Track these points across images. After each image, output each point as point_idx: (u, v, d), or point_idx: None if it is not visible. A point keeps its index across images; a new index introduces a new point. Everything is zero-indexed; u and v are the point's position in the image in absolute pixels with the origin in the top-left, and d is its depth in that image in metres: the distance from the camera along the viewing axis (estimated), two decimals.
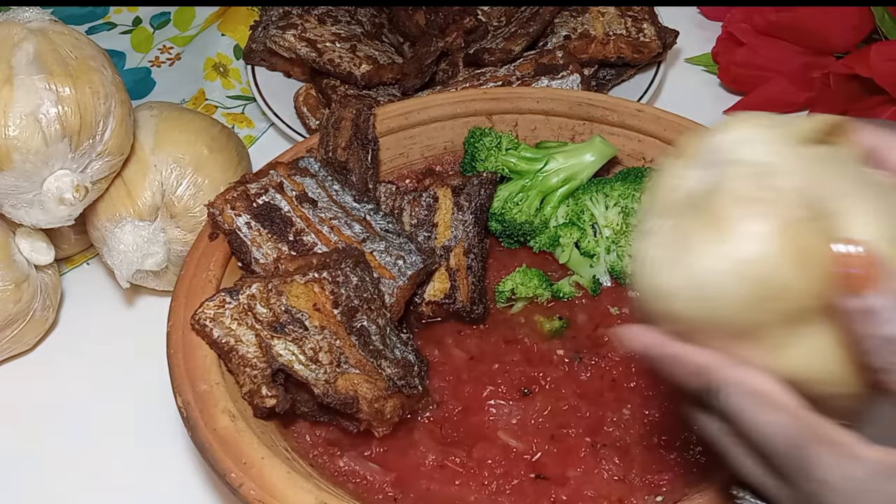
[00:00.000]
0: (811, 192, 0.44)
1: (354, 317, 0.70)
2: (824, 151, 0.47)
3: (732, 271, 0.43)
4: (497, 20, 1.12)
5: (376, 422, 0.67)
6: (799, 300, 0.44)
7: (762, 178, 0.44)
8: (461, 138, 0.88)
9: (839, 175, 0.45)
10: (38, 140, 0.76)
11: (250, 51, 1.11)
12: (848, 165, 0.47)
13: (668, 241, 0.47)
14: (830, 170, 0.45)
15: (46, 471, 0.78)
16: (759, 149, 0.46)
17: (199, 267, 0.75)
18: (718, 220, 0.44)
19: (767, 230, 0.43)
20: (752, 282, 0.43)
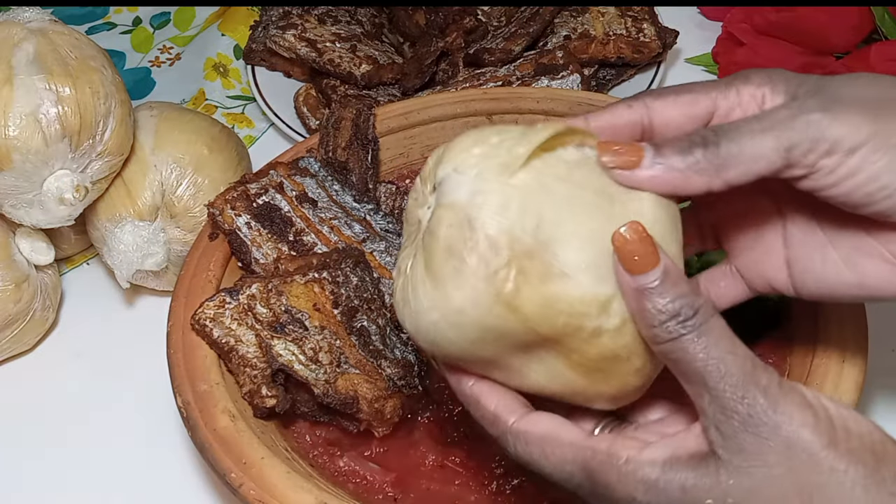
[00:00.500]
0: (519, 231, 0.45)
1: (354, 317, 0.70)
2: (551, 165, 0.47)
3: (446, 320, 0.46)
4: (497, 20, 1.12)
5: (376, 422, 0.67)
6: (517, 337, 0.46)
7: (464, 229, 0.45)
8: None
9: (553, 199, 0.46)
10: (38, 140, 0.76)
11: (250, 51, 1.11)
12: (570, 179, 0.46)
13: (403, 279, 0.49)
14: (544, 196, 0.46)
15: (46, 471, 0.78)
16: (466, 187, 0.46)
17: (199, 267, 0.75)
18: (432, 269, 0.46)
19: (473, 283, 0.45)
20: (467, 327, 0.46)
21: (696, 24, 1.19)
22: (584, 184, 0.47)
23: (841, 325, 0.66)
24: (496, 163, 0.46)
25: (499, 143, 0.47)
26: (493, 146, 0.47)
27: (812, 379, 0.64)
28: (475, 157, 0.46)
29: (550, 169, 0.47)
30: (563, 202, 0.46)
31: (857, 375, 0.63)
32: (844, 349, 0.64)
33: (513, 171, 0.46)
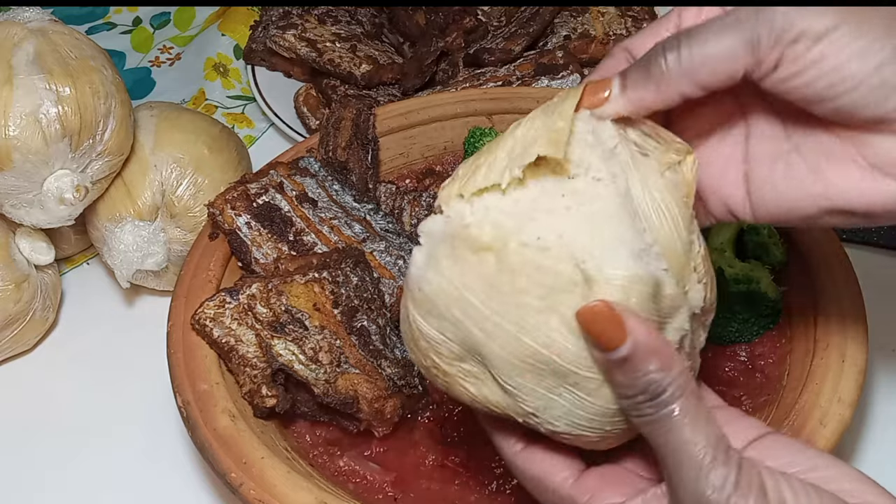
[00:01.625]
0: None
1: (354, 317, 0.70)
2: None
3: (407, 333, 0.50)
4: (497, 20, 1.12)
5: (376, 422, 0.67)
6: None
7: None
8: (461, 138, 0.88)
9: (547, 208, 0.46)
10: (38, 140, 0.76)
11: (250, 51, 1.11)
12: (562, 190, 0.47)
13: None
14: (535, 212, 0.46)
15: (47, 471, 0.78)
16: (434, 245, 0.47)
17: (199, 267, 0.75)
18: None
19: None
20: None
21: None
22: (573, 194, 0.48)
23: (841, 325, 0.66)
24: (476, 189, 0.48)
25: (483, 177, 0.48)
26: (484, 178, 0.48)
27: (812, 379, 0.64)
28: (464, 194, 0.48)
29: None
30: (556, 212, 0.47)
31: (857, 375, 0.63)
32: (844, 349, 0.64)
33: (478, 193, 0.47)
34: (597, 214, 0.45)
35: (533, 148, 0.46)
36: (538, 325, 0.45)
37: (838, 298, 0.68)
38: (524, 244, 0.45)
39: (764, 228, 0.75)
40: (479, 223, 0.46)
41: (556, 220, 0.45)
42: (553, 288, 0.44)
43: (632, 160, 0.48)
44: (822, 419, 0.61)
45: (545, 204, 0.46)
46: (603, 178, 0.46)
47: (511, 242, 0.45)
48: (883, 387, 0.78)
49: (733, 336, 0.73)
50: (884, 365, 0.80)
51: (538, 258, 0.44)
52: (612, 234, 0.45)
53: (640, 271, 0.45)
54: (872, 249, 0.89)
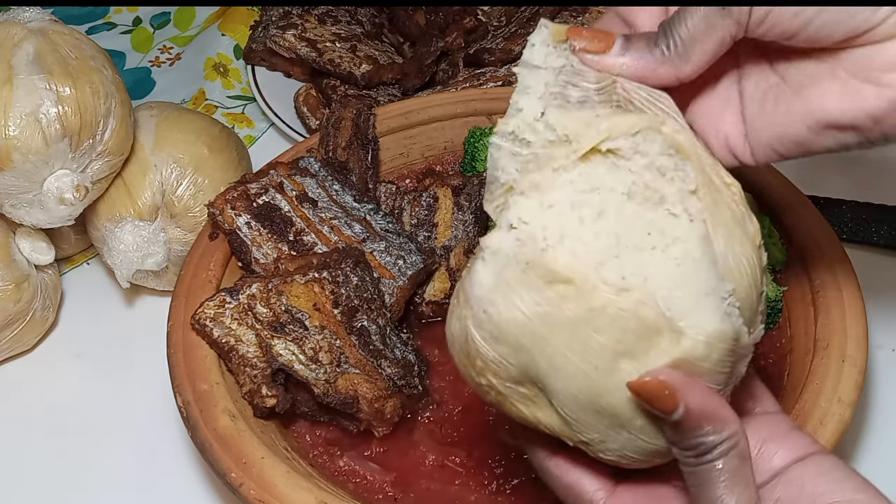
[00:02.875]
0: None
1: (354, 317, 0.70)
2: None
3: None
4: (497, 20, 1.12)
5: (376, 422, 0.67)
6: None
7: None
8: (461, 138, 0.88)
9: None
10: (38, 140, 0.76)
11: (250, 51, 1.11)
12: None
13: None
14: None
15: (47, 471, 0.78)
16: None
17: (199, 267, 0.75)
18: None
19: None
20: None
21: None
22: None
23: (841, 325, 0.66)
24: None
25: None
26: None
27: (812, 379, 0.64)
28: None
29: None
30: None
31: (857, 375, 0.63)
32: (844, 349, 0.64)
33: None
34: (683, 259, 0.43)
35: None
36: (611, 369, 0.44)
37: (838, 298, 0.68)
38: (607, 282, 0.43)
39: (764, 228, 0.75)
40: (555, 251, 0.43)
41: (642, 260, 0.43)
42: (633, 332, 0.43)
43: (709, 198, 0.46)
44: (822, 419, 0.61)
45: (630, 240, 0.43)
46: (680, 216, 0.44)
47: (592, 279, 0.43)
48: (883, 387, 0.78)
49: None
50: (884, 365, 0.80)
51: (620, 300, 0.43)
52: (699, 282, 0.43)
53: (726, 327, 0.44)
54: (872, 249, 0.88)
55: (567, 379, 0.44)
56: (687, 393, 0.43)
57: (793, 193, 0.77)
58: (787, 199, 0.76)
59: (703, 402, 0.44)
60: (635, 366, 0.43)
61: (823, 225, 0.73)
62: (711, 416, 0.44)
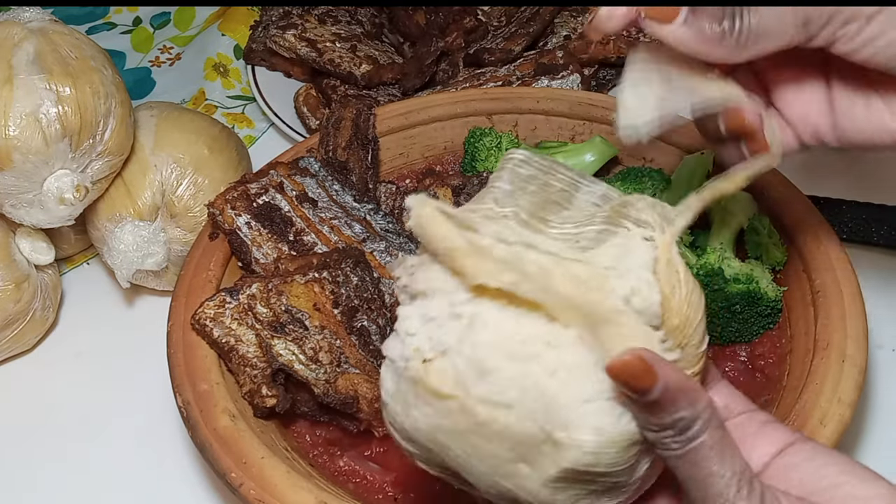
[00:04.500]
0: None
1: (354, 317, 0.70)
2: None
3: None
4: (497, 20, 1.12)
5: (376, 422, 0.67)
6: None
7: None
8: (461, 138, 0.88)
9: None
10: (39, 140, 0.76)
11: (250, 51, 1.11)
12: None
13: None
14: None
15: (47, 471, 0.78)
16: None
17: (199, 267, 0.75)
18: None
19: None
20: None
21: None
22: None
23: (841, 325, 0.66)
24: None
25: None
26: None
27: (812, 379, 0.64)
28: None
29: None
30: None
31: (857, 375, 0.63)
32: (844, 349, 0.64)
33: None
34: (557, 367, 0.43)
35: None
36: (511, 472, 0.44)
37: (838, 298, 0.68)
38: (487, 400, 0.43)
39: (764, 228, 0.75)
40: (437, 367, 0.44)
41: (519, 373, 0.43)
42: (521, 444, 0.43)
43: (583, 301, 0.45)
44: (822, 419, 0.61)
45: (504, 352, 0.43)
46: (554, 322, 0.44)
47: (473, 394, 0.43)
48: (883, 387, 0.78)
49: (733, 336, 0.73)
50: (884, 365, 0.80)
51: (501, 416, 0.43)
52: (575, 391, 0.43)
53: (613, 432, 0.44)
54: (872, 249, 0.88)
55: (476, 477, 0.45)
56: (661, 369, 0.43)
57: (793, 193, 0.77)
58: (787, 199, 0.76)
59: (677, 376, 0.43)
60: (533, 469, 0.44)
61: (823, 225, 0.73)
62: (685, 389, 0.43)
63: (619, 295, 0.45)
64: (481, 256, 0.44)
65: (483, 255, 0.44)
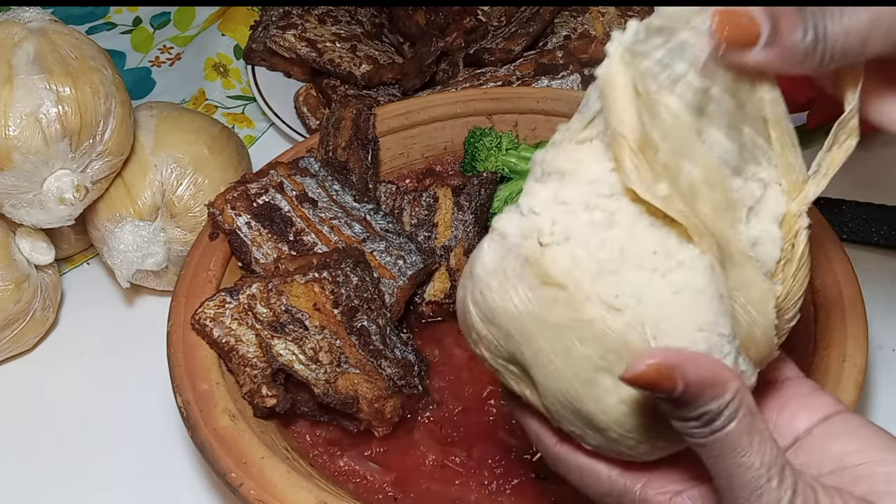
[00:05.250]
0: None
1: (354, 317, 0.70)
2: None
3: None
4: (497, 20, 1.12)
5: (376, 422, 0.67)
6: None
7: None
8: (461, 138, 0.88)
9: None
10: (39, 140, 0.76)
11: (250, 51, 1.11)
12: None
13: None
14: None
15: (47, 471, 0.78)
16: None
17: (199, 267, 0.75)
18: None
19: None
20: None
21: None
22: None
23: (841, 325, 0.66)
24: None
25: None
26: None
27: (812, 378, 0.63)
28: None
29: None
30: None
31: (857, 375, 0.63)
32: (844, 349, 0.64)
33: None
34: (682, 287, 0.42)
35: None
36: (590, 380, 0.43)
37: (838, 298, 0.68)
38: (600, 298, 0.41)
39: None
40: (556, 251, 0.42)
41: (641, 281, 0.41)
42: (616, 353, 0.42)
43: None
44: None
45: (633, 257, 0.42)
46: (691, 244, 0.42)
47: (585, 289, 0.41)
48: (883, 387, 0.78)
49: None
50: (884, 365, 0.80)
51: (609, 318, 0.41)
52: (694, 315, 0.42)
53: None
54: (872, 249, 0.88)
55: (548, 377, 0.44)
56: (683, 367, 0.41)
57: None
58: None
59: (701, 370, 0.42)
60: (615, 384, 0.43)
61: (823, 225, 0.73)
62: (711, 383, 0.42)
63: (748, 237, 0.44)
64: (645, 157, 0.41)
65: (648, 158, 0.41)
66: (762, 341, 0.45)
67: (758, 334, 0.44)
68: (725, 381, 0.42)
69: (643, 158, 0.41)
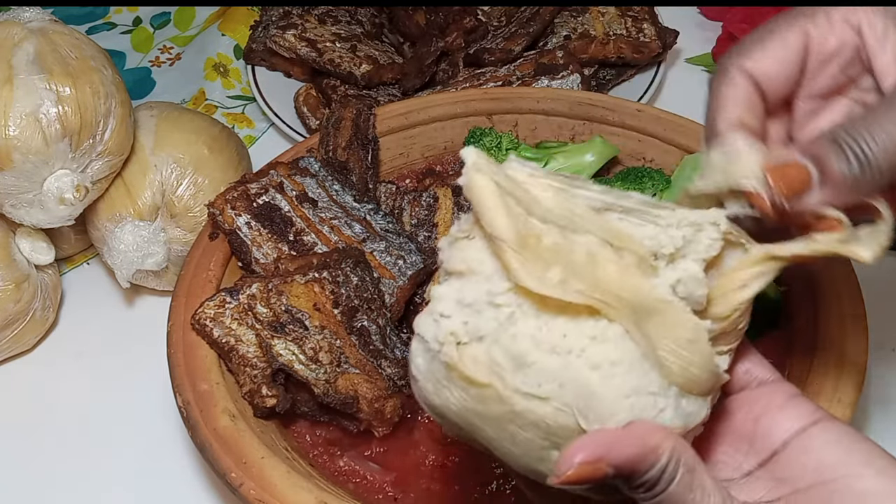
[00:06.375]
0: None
1: (354, 317, 0.70)
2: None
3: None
4: (497, 20, 1.12)
5: (376, 422, 0.67)
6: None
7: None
8: (461, 138, 0.88)
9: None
10: (39, 140, 0.76)
11: (250, 51, 1.11)
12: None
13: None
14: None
15: (47, 471, 0.78)
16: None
17: (199, 267, 0.75)
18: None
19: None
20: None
21: (696, 24, 1.19)
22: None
23: (841, 325, 0.66)
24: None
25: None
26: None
27: (812, 379, 0.64)
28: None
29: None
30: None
31: (857, 375, 0.63)
32: (844, 349, 0.65)
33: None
34: (600, 362, 0.42)
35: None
36: (543, 458, 0.44)
37: (838, 298, 0.68)
38: (523, 390, 0.42)
39: None
40: (472, 352, 0.42)
41: (558, 365, 0.42)
42: (557, 434, 0.43)
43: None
44: None
45: (545, 345, 0.42)
46: (599, 317, 0.43)
47: (509, 384, 0.42)
48: (883, 387, 0.78)
49: None
50: (884, 365, 0.80)
51: (538, 407, 0.42)
52: (615, 386, 0.42)
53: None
54: None
55: (505, 457, 0.45)
56: (608, 455, 0.41)
57: None
58: None
59: (627, 449, 0.42)
60: None
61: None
62: (641, 456, 0.42)
63: (670, 280, 0.44)
64: (529, 251, 0.42)
65: (531, 249, 0.42)
66: (703, 377, 0.45)
67: (696, 372, 0.44)
68: (657, 447, 0.42)
69: (526, 253, 0.42)
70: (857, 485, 0.44)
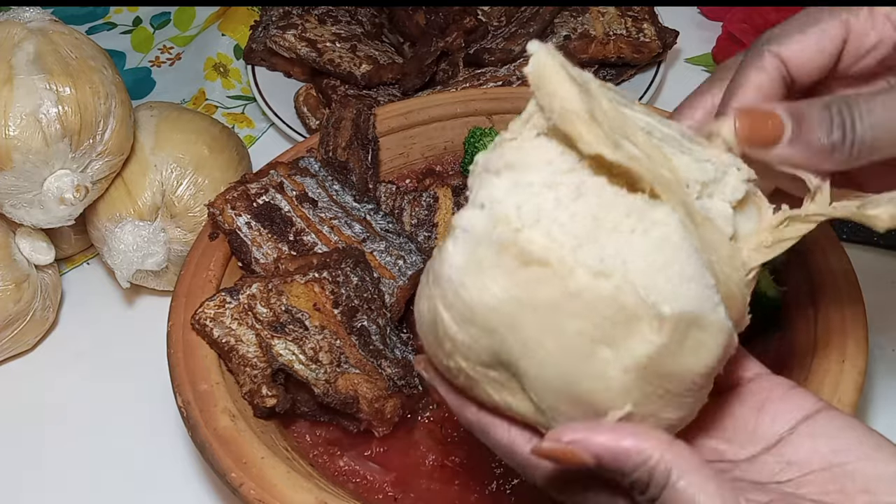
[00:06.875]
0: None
1: (354, 317, 0.70)
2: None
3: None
4: (497, 20, 1.12)
5: (376, 422, 0.67)
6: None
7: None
8: (461, 138, 0.88)
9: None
10: (39, 140, 0.76)
11: (250, 51, 1.11)
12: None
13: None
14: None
15: (47, 471, 0.78)
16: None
17: (199, 267, 0.75)
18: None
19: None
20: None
21: (696, 24, 1.19)
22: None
23: (841, 325, 0.66)
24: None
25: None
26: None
27: (812, 379, 0.63)
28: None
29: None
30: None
31: (857, 376, 0.63)
32: (844, 349, 0.64)
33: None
34: (663, 242, 0.41)
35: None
36: (588, 355, 0.41)
37: (838, 298, 0.68)
38: (585, 266, 0.40)
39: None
40: (530, 231, 0.41)
41: (621, 243, 0.41)
42: (612, 319, 0.41)
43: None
44: None
45: (608, 222, 0.41)
46: (659, 202, 0.42)
47: (569, 261, 0.40)
48: (883, 387, 0.78)
49: None
50: (884, 365, 0.80)
51: (599, 284, 0.40)
52: (680, 266, 0.41)
53: (714, 316, 0.42)
54: (872, 249, 0.88)
55: (541, 365, 0.42)
56: (589, 442, 0.41)
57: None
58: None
59: (611, 443, 0.41)
60: (615, 353, 0.41)
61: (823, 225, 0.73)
62: (626, 454, 0.42)
63: (702, 209, 0.44)
64: (598, 126, 0.41)
65: (600, 126, 0.41)
66: (738, 298, 0.44)
67: (734, 289, 0.44)
68: (642, 450, 0.42)
69: (597, 126, 0.41)
70: (870, 468, 0.44)
